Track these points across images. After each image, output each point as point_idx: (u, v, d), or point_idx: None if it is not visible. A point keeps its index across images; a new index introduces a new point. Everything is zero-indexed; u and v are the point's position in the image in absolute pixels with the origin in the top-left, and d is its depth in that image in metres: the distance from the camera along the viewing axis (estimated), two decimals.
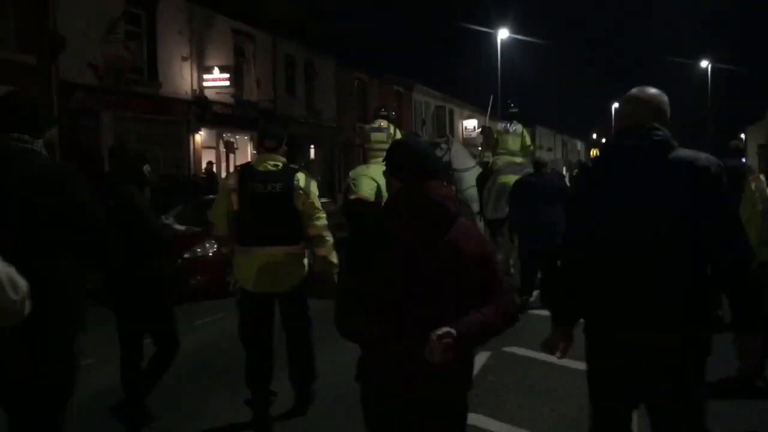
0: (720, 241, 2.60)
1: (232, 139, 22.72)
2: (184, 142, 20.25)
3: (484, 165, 12.45)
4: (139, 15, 18.62)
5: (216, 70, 20.60)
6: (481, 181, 11.68)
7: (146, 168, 4.77)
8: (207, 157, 21.44)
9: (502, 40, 40.43)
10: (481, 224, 11.09)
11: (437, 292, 2.47)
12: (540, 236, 8.04)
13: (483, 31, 41.24)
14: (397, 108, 37.18)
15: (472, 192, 11.89)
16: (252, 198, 4.61)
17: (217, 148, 22.06)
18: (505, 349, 6.46)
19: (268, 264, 4.64)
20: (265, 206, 4.61)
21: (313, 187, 4.75)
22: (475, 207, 11.63)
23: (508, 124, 12.27)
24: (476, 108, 42.12)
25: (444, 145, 14.09)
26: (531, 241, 8.47)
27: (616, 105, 72.82)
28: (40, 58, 15.12)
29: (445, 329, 2.34)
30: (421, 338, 2.35)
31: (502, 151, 12.14)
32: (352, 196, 8.93)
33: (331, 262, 4.88)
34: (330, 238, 4.87)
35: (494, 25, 40.67)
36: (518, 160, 11.94)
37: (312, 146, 28.12)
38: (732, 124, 51.79)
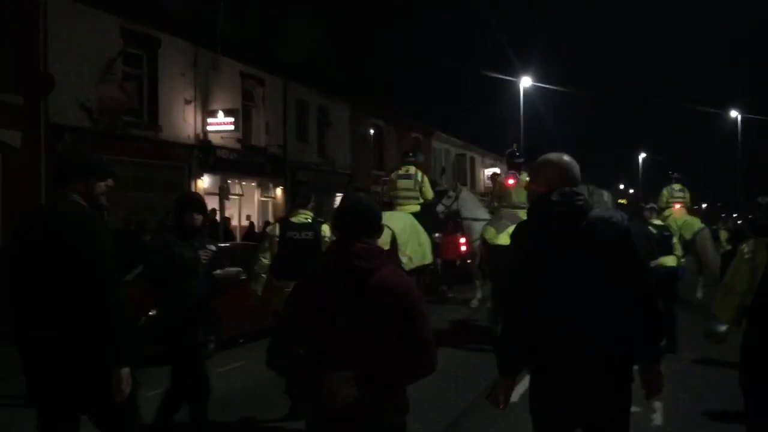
0: (631, 285, 3.04)
1: (233, 185, 21.71)
2: (185, 188, 19.30)
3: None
4: (139, 56, 17.96)
5: (220, 113, 19.78)
6: None
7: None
8: (210, 203, 20.47)
9: (525, 88, 39.66)
10: None
11: (354, 343, 2.70)
12: None
13: (505, 79, 40.44)
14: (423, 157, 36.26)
15: None
16: (290, 243, 6.23)
17: (221, 195, 21.10)
18: None
19: None
20: (299, 249, 6.13)
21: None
22: None
23: (510, 175, 10.97)
24: (498, 156, 41.09)
25: (452, 193, 13.29)
26: None
27: (643, 155, 71.60)
28: (27, 99, 14.37)
29: (344, 373, 2.64)
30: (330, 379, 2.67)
31: (505, 204, 10.95)
32: None
33: None
34: None
35: (517, 72, 39.93)
36: (521, 213, 10.78)
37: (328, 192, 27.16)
38: (764, 175, 50.64)
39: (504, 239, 9.41)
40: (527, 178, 10.72)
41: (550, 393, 3.13)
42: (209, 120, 19.81)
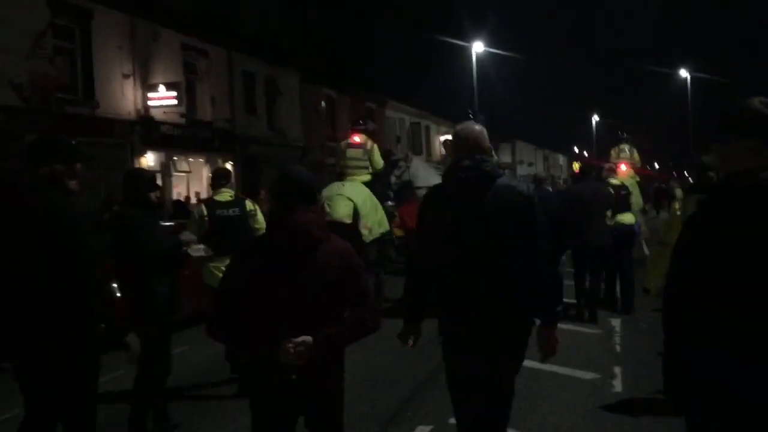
0: (528, 250, 3.23)
1: (179, 161, 20.94)
2: (127, 166, 18.50)
3: None
4: (71, 29, 17.00)
5: (162, 87, 18.97)
6: None
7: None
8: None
9: (477, 53, 39.31)
10: None
11: (303, 308, 2.90)
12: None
13: (458, 45, 40.01)
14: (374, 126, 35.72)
15: None
16: (219, 221, 6.30)
17: (167, 172, 20.37)
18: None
19: None
20: (228, 226, 6.28)
21: (259, 210, 6.59)
22: None
23: None
24: (454, 124, 40.67)
25: (402, 163, 12.97)
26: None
27: (596, 117, 72.17)
28: None
29: (301, 338, 2.85)
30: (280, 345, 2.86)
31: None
32: (327, 219, 8.46)
33: None
34: None
35: (469, 38, 39.54)
36: None
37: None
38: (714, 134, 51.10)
39: None
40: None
41: (454, 338, 3.39)
42: (150, 94, 18.98)
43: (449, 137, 14.96)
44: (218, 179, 6.73)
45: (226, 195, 6.49)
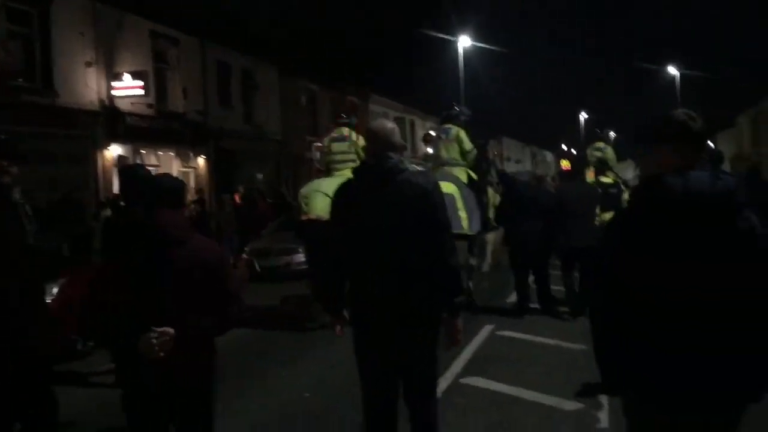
0: (430, 242, 3.39)
1: (147, 155, 19.90)
2: (89, 159, 17.54)
3: None
4: (29, 13, 15.95)
5: (127, 76, 17.96)
6: None
7: None
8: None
9: (464, 48, 38.48)
10: None
11: (171, 302, 3.05)
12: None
13: (444, 39, 39.14)
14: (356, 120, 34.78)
15: None
16: None
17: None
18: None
19: None
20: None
21: None
22: None
23: (441, 131, 9.94)
24: (440, 119, 39.95)
25: None
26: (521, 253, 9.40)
27: (584, 114, 71.53)
28: None
29: (161, 329, 2.97)
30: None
31: (438, 161, 9.91)
32: (304, 217, 8.62)
33: None
34: None
35: (456, 32, 38.68)
36: (456, 171, 9.66)
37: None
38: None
39: None
40: (458, 133, 9.48)
41: (366, 342, 3.57)
42: (114, 84, 17.97)
43: (431, 131, 13.74)
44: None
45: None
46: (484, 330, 8.37)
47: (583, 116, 71.57)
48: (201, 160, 22.39)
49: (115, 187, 18.13)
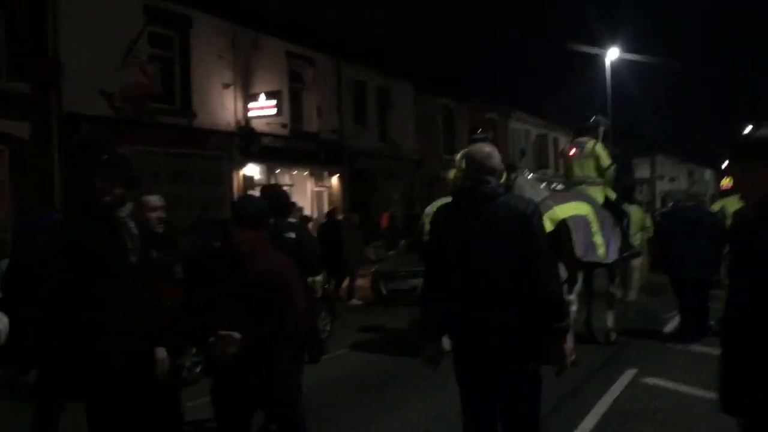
0: (528, 271, 3.30)
1: (281, 175, 19.94)
2: (225, 179, 17.82)
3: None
4: (169, 37, 16.49)
5: (262, 97, 18.14)
6: None
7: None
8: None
9: (612, 60, 36.40)
10: None
11: (242, 311, 3.49)
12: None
13: (592, 54, 37.22)
14: (493, 137, 33.74)
15: None
16: None
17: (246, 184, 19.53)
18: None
19: None
20: None
21: None
22: None
23: (575, 144, 8.86)
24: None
25: (512, 175, 11.65)
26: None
27: (750, 128, 65.81)
28: (35, 87, 13.09)
29: (227, 333, 3.43)
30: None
31: (572, 179, 8.88)
32: (426, 238, 8.32)
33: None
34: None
35: (603, 45, 36.69)
36: (592, 190, 8.56)
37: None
38: None
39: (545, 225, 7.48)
40: (594, 147, 8.36)
41: (464, 359, 3.55)
42: (250, 105, 18.21)
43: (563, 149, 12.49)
44: None
45: None
46: (625, 375, 7.17)
47: (748, 130, 65.87)
48: (335, 180, 22.30)
49: None
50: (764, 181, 2.32)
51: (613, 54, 36.19)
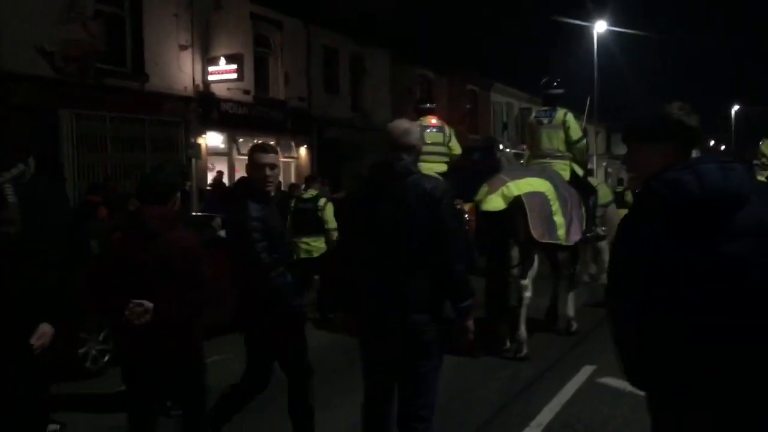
0: (435, 248, 3.35)
1: (244, 143, 18.88)
2: (181, 147, 16.81)
3: None
4: None
5: (222, 60, 17.07)
6: None
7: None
8: (218, 165, 18.00)
9: (599, 33, 35.48)
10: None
11: (150, 285, 3.50)
12: None
13: (578, 25, 36.28)
14: (473, 110, 32.82)
15: None
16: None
17: (230, 155, 18.55)
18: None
19: None
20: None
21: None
22: None
23: (542, 114, 8.07)
24: (570, 110, 36.94)
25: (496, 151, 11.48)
26: None
27: (736, 107, 65.25)
28: None
29: (139, 301, 3.46)
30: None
31: (538, 152, 8.11)
32: None
33: None
34: None
35: (591, 17, 35.75)
36: (558, 165, 7.79)
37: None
38: None
39: (494, 203, 6.89)
40: (565, 117, 7.55)
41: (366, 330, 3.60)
42: (210, 68, 17.14)
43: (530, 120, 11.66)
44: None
45: None
46: (581, 374, 6.41)
47: (734, 110, 65.30)
48: (303, 150, 21.33)
49: (210, 177, 17.40)
50: (650, 162, 2.36)
51: (600, 27, 35.33)
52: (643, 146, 2.43)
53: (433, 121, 8.63)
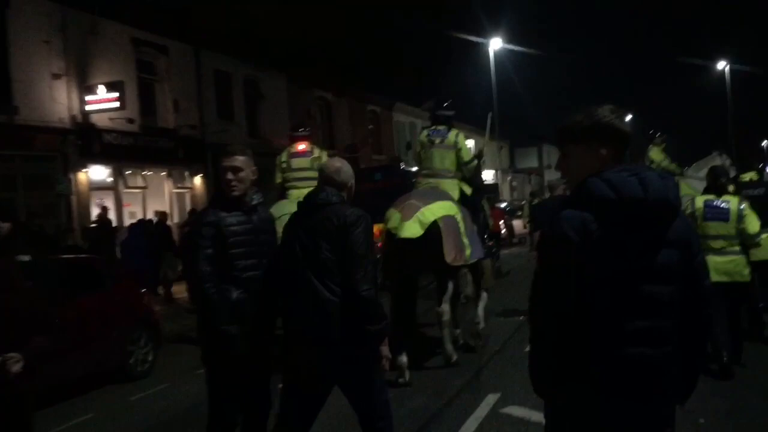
0: (346, 274, 3.49)
1: (132, 176, 17.78)
2: (59, 182, 15.54)
3: None
4: None
5: (101, 88, 15.96)
6: None
7: None
8: (105, 201, 16.79)
9: (495, 50, 36.11)
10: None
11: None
12: None
13: (475, 43, 36.85)
14: (376, 130, 32.59)
15: None
16: None
17: (116, 188, 17.36)
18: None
19: None
20: None
21: None
22: None
23: (434, 133, 7.79)
24: (473, 129, 37.23)
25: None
26: None
27: (629, 116, 67.99)
28: None
29: (10, 354, 3.34)
30: None
31: (426, 172, 7.83)
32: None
33: None
34: None
35: (486, 34, 36.40)
36: (447, 184, 7.57)
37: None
38: (753, 129, 48.51)
39: (412, 230, 6.73)
40: (456, 138, 7.27)
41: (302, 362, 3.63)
42: (87, 97, 15.99)
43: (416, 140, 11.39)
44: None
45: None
46: (485, 403, 5.89)
47: (627, 118, 68.10)
48: (197, 180, 20.32)
49: (93, 214, 16.17)
50: (584, 165, 2.37)
51: (496, 44, 35.97)
52: (578, 147, 2.40)
53: (301, 147, 8.51)
